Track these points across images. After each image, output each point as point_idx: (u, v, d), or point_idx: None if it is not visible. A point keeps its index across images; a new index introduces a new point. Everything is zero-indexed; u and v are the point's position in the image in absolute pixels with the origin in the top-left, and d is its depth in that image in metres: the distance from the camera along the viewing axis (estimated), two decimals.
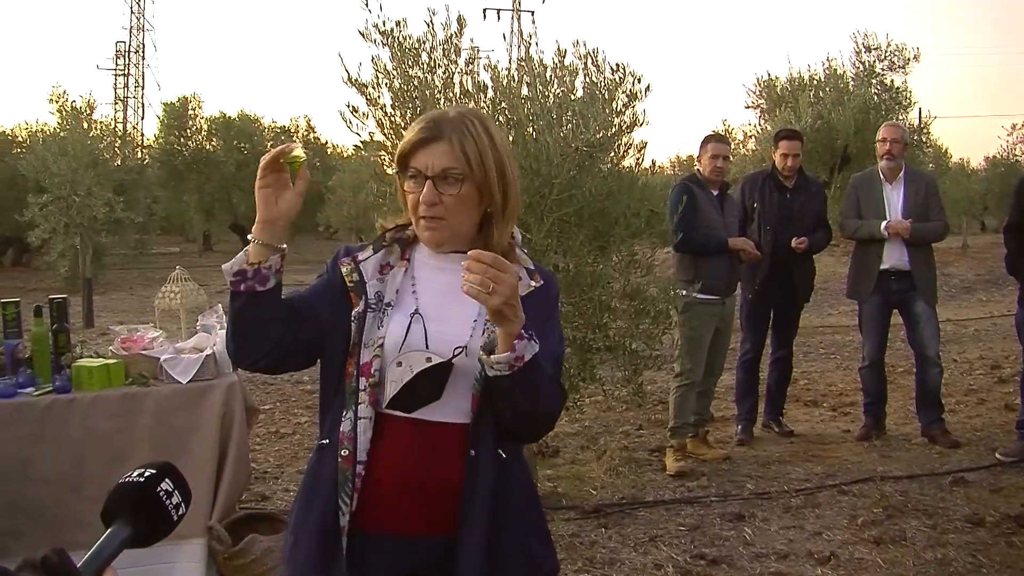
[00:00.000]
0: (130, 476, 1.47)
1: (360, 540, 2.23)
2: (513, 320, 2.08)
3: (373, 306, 2.28)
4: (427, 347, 2.23)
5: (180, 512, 1.49)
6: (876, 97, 19.29)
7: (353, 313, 2.27)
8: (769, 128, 17.74)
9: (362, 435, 2.22)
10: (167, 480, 1.48)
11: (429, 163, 2.23)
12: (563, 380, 5.53)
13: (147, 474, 1.47)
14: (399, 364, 2.22)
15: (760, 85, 20.42)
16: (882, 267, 7.26)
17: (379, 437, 2.24)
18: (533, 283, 2.31)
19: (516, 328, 2.10)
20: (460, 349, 2.23)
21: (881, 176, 7.39)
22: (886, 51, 20.38)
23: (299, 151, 2.15)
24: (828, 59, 20.14)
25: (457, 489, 2.22)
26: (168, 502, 1.46)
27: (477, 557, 2.21)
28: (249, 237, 2.16)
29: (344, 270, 2.32)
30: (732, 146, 11.91)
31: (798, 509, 5.87)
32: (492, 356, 2.12)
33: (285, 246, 2.18)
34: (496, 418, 2.26)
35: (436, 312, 2.27)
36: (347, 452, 2.22)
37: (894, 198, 7.32)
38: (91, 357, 4.81)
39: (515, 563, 2.30)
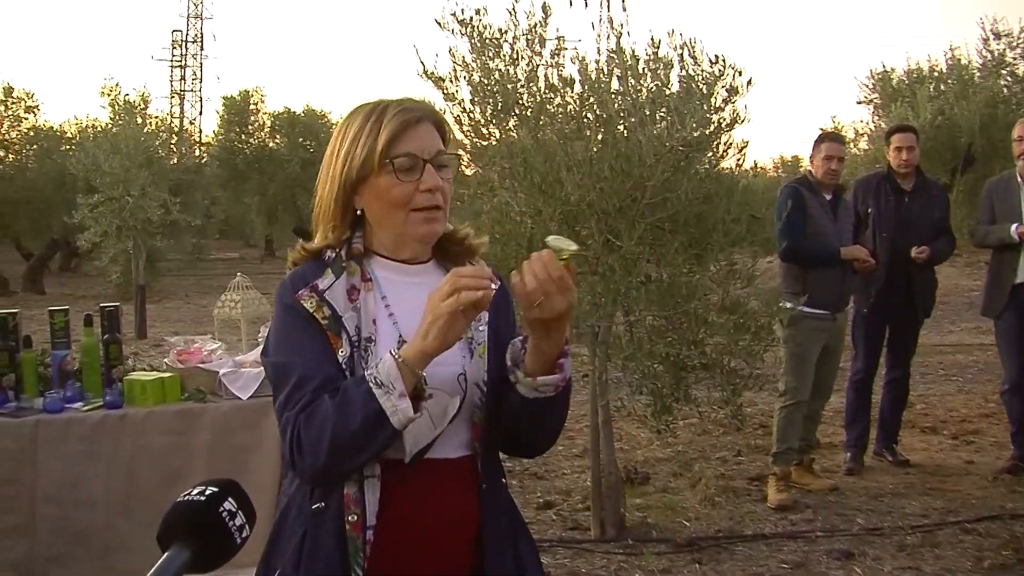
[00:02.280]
0: (189, 494, 1.48)
1: None
2: (563, 330, 2.03)
3: (355, 344, 2.12)
4: (424, 381, 2.04)
5: (244, 535, 1.49)
6: (1006, 90, 18.97)
7: (340, 358, 2.11)
8: (883, 125, 17.51)
9: (371, 495, 2.09)
10: (230, 499, 1.48)
11: (424, 145, 2.15)
12: (655, 400, 5.54)
13: (208, 492, 1.48)
14: None
15: (874, 78, 20.22)
16: (1017, 280, 7.07)
17: (386, 491, 2.11)
18: (494, 284, 2.07)
19: (563, 339, 2.05)
20: (462, 377, 2.15)
21: (1019, 179, 7.20)
22: (1019, 37, 20.02)
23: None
24: (951, 48, 19.90)
25: (473, 523, 2.17)
26: (231, 523, 1.47)
27: None
28: (400, 360, 1.99)
29: (308, 305, 2.13)
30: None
31: (915, 548, 5.77)
32: (539, 379, 2.06)
33: None
34: (498, 443, 2.24)
35: None
36: (355, 518, 2.08)
37: None
38: (144, 370, 4.90)
39: None
